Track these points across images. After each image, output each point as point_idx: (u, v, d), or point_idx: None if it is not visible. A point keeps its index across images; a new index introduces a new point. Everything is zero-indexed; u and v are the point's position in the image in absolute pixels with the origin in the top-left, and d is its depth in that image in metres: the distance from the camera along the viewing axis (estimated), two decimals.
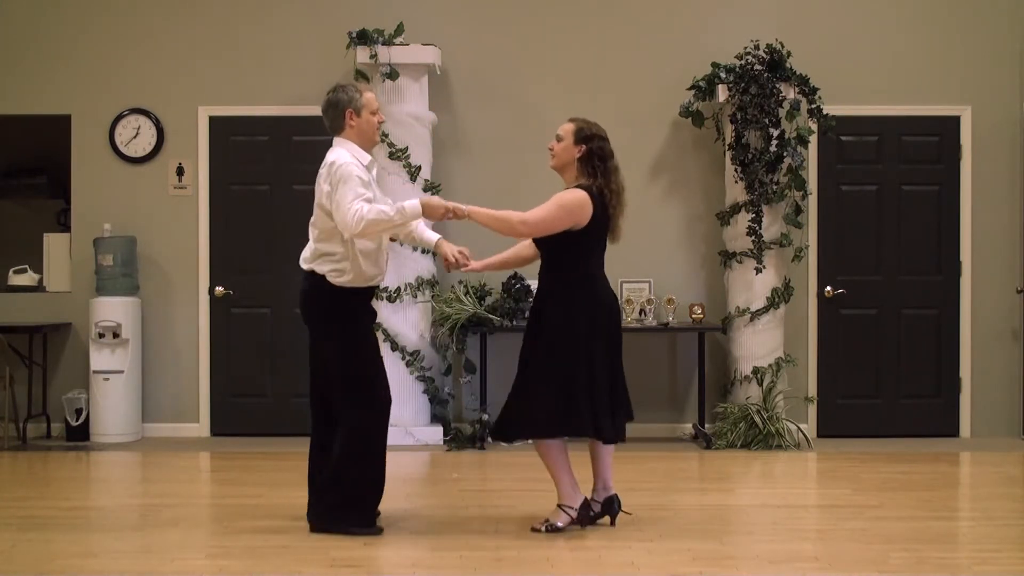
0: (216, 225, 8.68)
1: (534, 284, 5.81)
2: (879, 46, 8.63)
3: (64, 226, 9.24)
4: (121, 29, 8.70)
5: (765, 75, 8.11)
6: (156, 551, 5.30)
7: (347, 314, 5.51)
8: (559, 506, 5.58)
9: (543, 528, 5.54)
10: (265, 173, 8.67)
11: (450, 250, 5.61)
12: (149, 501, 6.62)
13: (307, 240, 5.56)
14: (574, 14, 8.67)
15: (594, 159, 5.51)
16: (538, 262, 5.71)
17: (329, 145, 5.57)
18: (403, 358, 8.18)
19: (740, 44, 8.26)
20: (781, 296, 8.25)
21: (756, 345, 8.23)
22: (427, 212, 5.45)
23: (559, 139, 5.59)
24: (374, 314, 5.82)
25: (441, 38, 8.38)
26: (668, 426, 8.60)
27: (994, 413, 8.59)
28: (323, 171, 5.46)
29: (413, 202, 5.42)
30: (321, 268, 5.47)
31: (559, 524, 5.54)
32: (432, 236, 5.78)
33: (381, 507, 5.61)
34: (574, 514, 5.56)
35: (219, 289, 8.65)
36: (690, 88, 8.34)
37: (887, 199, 8.60)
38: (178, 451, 8.05)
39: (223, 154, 8.68)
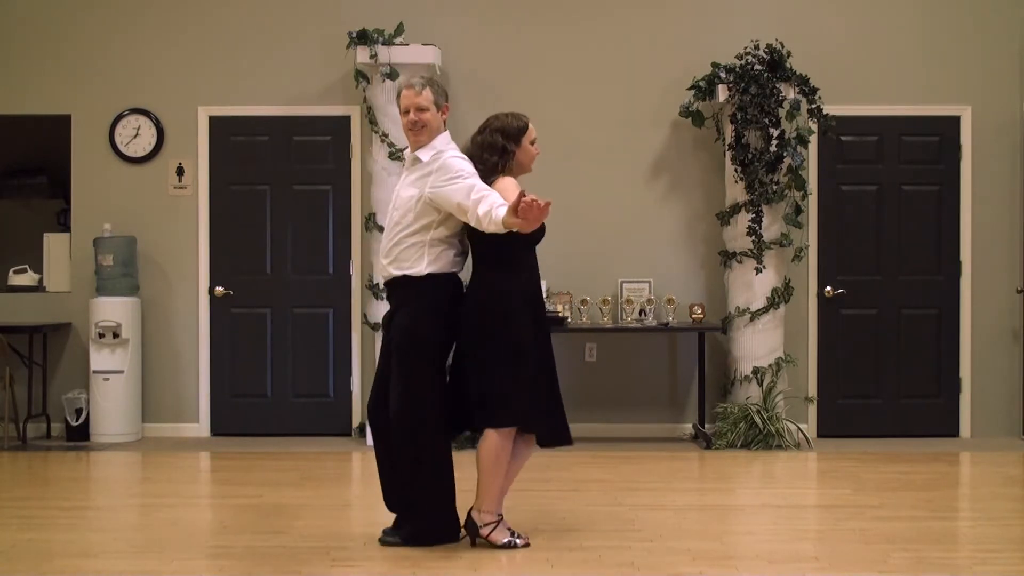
0: (216, 225, 8.67)
1: None
2: (879, 46, 8.62)
3: (64, 226, 9.24)
4: (121, 29, 8.70)
5: (765, 75, 8.10)
6: (156, 551, 5.30)
7: None
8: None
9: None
10: (265, 173, 8.66)
11: None
12: (149, 501, 6.62)
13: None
14: (574, 14, 8.67)
15: None
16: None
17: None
18: None
19: (740, 44, 8.25)
20: (781, 296, 8.24)
21: (756, 345, 8.22)
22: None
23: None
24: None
25: (441, 38, 8.38)
26: (668, 426, 8.60)
27: (994, 413, 8.59)
28: None
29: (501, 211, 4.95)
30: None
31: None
32: None
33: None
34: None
35: (219, 289, 8.64)
36: (690, 88, 8.34)
37: (887, 199, 8.60)
38: (178, 451, 8.05)
39: (223, 154, 8.68)
